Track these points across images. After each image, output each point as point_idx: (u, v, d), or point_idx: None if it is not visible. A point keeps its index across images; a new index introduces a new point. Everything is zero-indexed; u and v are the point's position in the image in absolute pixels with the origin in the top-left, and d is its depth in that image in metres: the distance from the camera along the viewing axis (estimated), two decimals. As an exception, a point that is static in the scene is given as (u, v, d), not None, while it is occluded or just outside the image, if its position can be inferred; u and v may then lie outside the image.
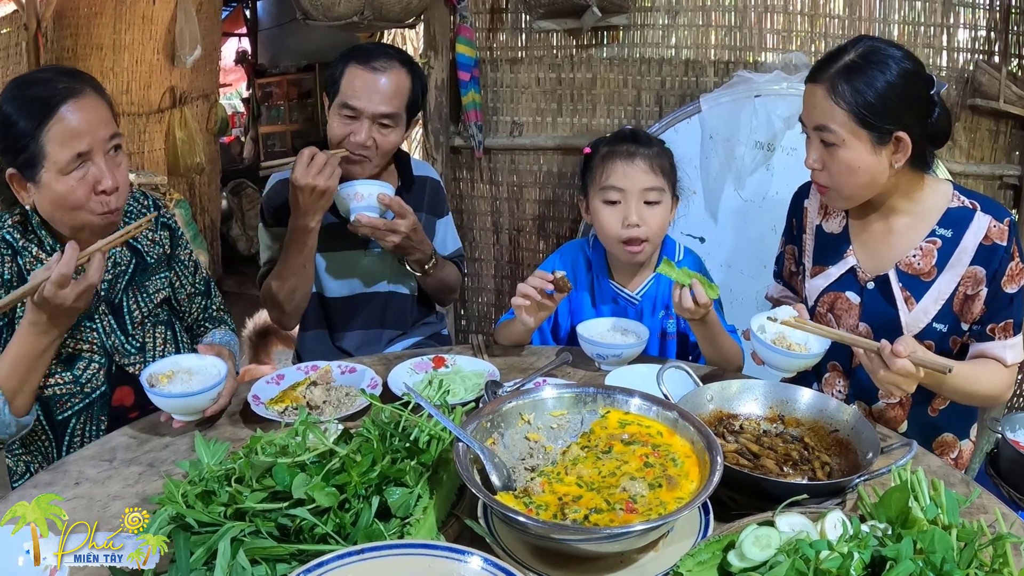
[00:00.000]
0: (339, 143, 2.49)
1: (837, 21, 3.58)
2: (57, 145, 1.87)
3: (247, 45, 10.40)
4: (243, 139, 10.41)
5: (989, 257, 2.00)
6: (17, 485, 2.08)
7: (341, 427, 1.59)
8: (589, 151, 2.48)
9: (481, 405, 1.70)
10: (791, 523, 1.31)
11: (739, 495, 1.52)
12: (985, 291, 2.01)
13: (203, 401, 1.86)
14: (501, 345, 2.45)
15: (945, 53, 3.48)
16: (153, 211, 2.27)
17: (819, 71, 1.98)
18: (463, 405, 1.76)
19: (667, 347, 2.51)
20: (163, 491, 1.36)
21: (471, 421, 1.49)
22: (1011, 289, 2.01)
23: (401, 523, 1.34)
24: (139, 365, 2.15)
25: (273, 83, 9.98)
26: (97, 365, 2.09)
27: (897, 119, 1.92)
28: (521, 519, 1.25)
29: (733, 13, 3.68)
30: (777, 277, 2.47)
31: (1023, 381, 3.77)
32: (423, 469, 1.44)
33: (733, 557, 1.25)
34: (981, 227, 2.01)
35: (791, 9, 3.62)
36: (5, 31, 5.17)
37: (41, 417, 2.06)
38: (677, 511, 1.25)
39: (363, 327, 2.81)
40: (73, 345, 2.05)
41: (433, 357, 2.24)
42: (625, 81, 3.85)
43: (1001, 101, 3.27)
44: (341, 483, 1.34)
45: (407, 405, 1.56)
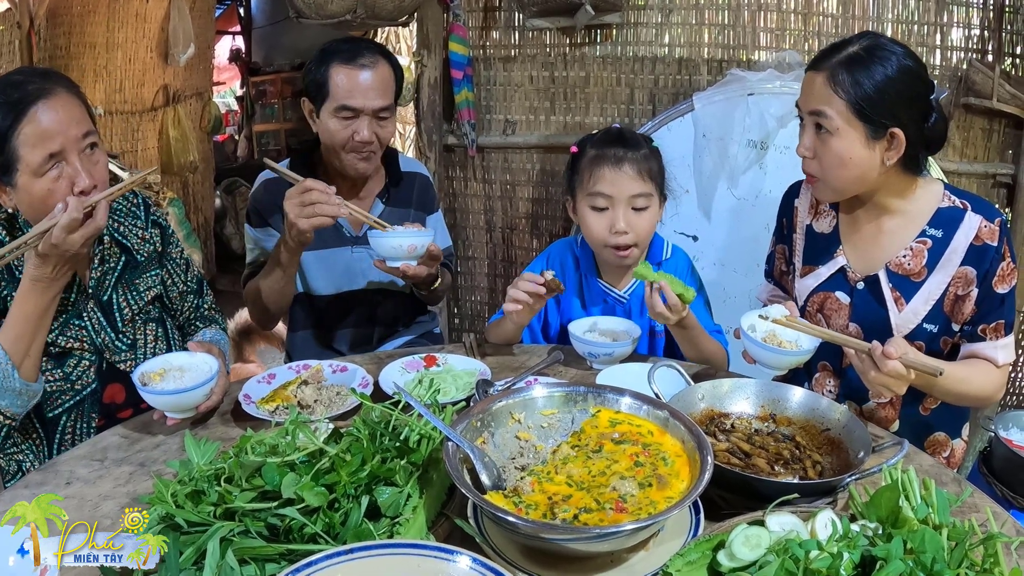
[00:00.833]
0: (343, 144, 2.50)
1: (830, 20, 3.59)
2: (29, 147, 1.86)
3: (241, 43, 10.36)
4: (237, 137, 10.37)
5: (980, 257, 2.00)
6: (9, 484, 2.08)
7: (332, 426, 1.59)
8: (576, 150, 2.47)
9: (472, 404, 1.70)
10: (781, 523, 1.31)
11: (730, 494, 1.52)
12: (976, 291, 2.01)
13: (196, 397, 1.87)
14: (492, 344, 2.45)
15: (939, 52, 3.49)
16: (142, 210, 2.27)
17: (822, 59, 1.98)
18: (454, 404, 1.76)
19: (656, 345, 2.51)
20: (153, 491, 1.35)
21: (461, 420, 1.49)
22: (1002, 289, 2.01)
23: (391, 523, 1.33)
24: (130, 362, 2.16)
25: (267, 81, 9.93)
26: (88, 362, 2.09)
27: (893, 115, 1.92)
28: (510, 519, 1.25)
29: (726, 11, 3.69)
30: (768, 276, 2.47)
31: (1017, 379, 3.79)
32: (413, 468, 1.44)
33: (723, 557, 1.25)
34: (972, 227, 2.01)
35: (784, 8, 3.63)
36: (-2, 29, 5.16)
37: (32, 414, 2.06)
38: (666, 511, 1.25)
39: (353, 325, 2.81)
40: (63, 343, 2.04)
41: (424, 356, 2.23)
42: (618, 79, 3.86)
43: (994, 100, 3.29)
44: (331, 483, 1.34)
45: (397, 404, 1.55)
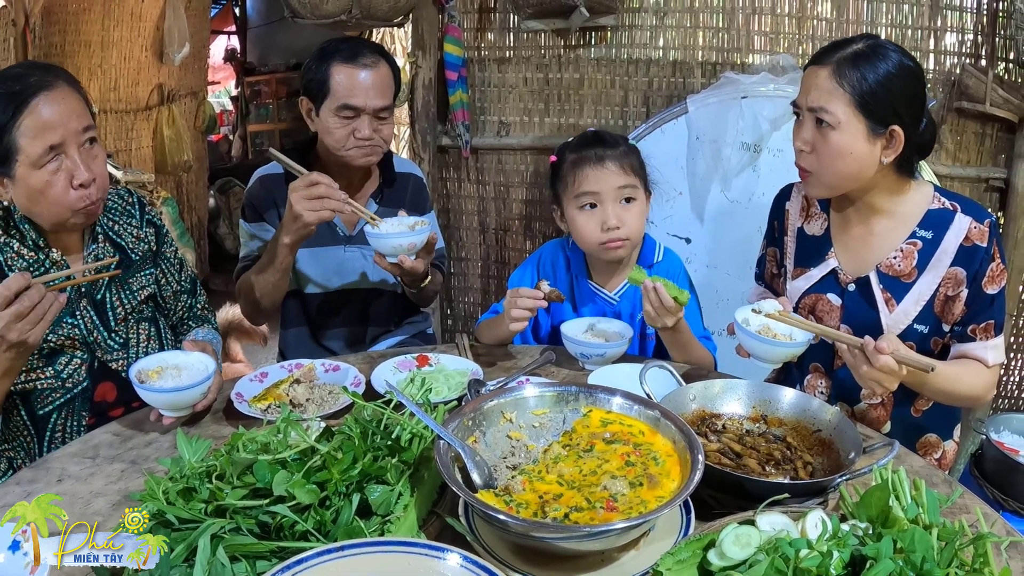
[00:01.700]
0: (343, 143, 2.50)
1: (824, 24, 3.60)
2: (29, 138, 1.87)
3: (236, 43, 10.37)
4: (231, 137, 10.38)
5: (970, 258, 2.01)
6: (1, 481, 2.07)
7: (323, 424, 1.59)
8: (555, 158, 2.49)
9: (463, 404, 1.70)
10: (772, 522, 1.32)
11: (721, 494, 1.53)
12: (966, 292, 2.02)
13: (194, 396, 1.87)
14: (485, 344, 2.46)
15: (932, 56, 3.50)
16: (137, 209, 2.27)
17: (824, 55, 1.99)
18: (445, 404, 1.76)
19: (647, 347, 2.52)
20: (145, 488, 1.36)
21: (453, 419, 1.49)
22: (992, 290, 2.02)
23: (382, 521, 1.34)
24: (122, 361, 2.16)
25: (262, 81, 9.94)
26: (79, 360, 2.09)
27: (895, 112, 1.94)
28: (501, 517, 1.25)
29: (721, 15, 3.70)
30: (758, 279, 2.48)
31: (1008, 382, 3.80)
32: (404, 467, 1.44)
33: (713, 556, 1.25)
34: (962, 228, 2.02)
35: (779, 11, 3.63)
36: (-7, 27, 5.15)
37: (23, 412, 2.06)
38: (657, 510, 1.26)
39: (345, 324, 2.81)
40: (55, 340, 2.04)
41: (417, 356, 2.23)
42: (612, 81, 3.86)
43: (987, 104, 3.30)
44: (322, 480, 1.34)
45: (389, 403, 1.56)
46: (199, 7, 6.39)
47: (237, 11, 10.13)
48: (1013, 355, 3.77)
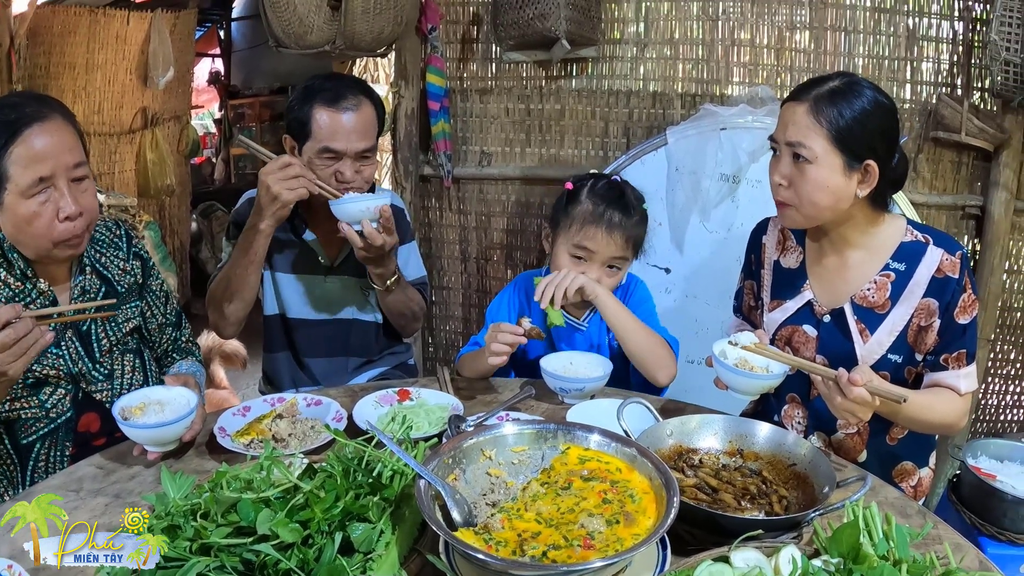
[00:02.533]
0: (326, 183, 2.49)
1: (803, 55, 3.66)
2: (20, 167, 1.88)
3: (220, 66, 10.38)
4: (214, 160, 10.37)
5: (942, 289, 2.05)
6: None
7: (306, 461, 1.61)
8: (571, 187, 2.50)
9: (444, 440, 1.72)
10: (746, 558, 1.35)
11: (697, 530, 1.55)
12: (938, 322, 2.06)
13: (177, 430, 1.88)
14: (465, 378, 2.48)
15: (909, 86, 3.57)
16: (124, 241, 2.29)
17: (802, 92, 2.04)
18: (426, 440, 1.78)
19: (617, 367, 2.53)
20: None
21: (433, 458, 1.51)
22: (964, 320, 2.06)
23: (364, 558, 1.36)
24: (106, 392, 2.16)
25: (245, 104, 9.96)
26: (64, 391, 2.09)
27: (871, 148, 1.99)
28: (480, 556, 1.27)
29: (700, 46, 3.74)
30: (736, 312, 2.51)
31: (987, 407, 3.85)
32: (386, 504, 1.46)
33: (687, 593, 1.28)
34: (934, 260, 2.06)
35: (757, 43, 3.69)
36: (-23, 48, 5.15)
37: (6, 440, 2.06)
38: (632, 548, 1.28)
39: (327, 354, 2.83)
40: (40, 371, 2.04)
41: (398, 390, 2.25)
42: (593, 113, 3.90)
43: (963, 134, 3.36)
44: (305, 519, 1.36)
45: (371, 440, 1.57)
46: (184, 31, 6.41)
47: (222, 34, 10.15)
48: (991, 379, 3.82)
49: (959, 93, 3.47)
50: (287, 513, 1.35)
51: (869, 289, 2.12)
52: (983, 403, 3.85)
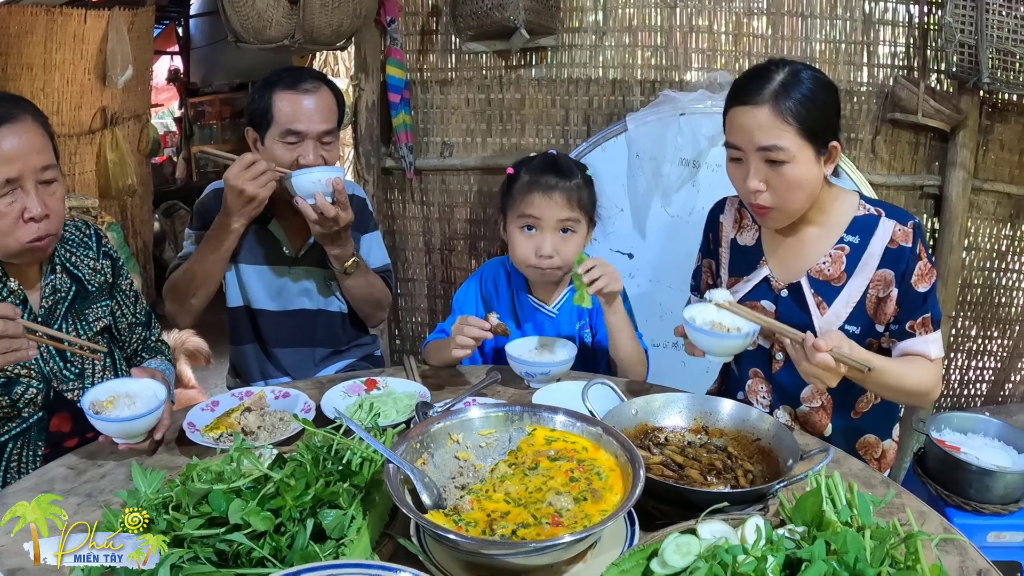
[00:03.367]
0: (288, 167, 2.51)
1: (760, 40, 3.69)
2: None
3: (179, 63, 10.30)
4: (175, 159, 10.28)
5: (896, 259, 2.09)
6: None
7: (276, 452, 1.62)
8: (512, 172, 2.55)
9: (412, 426, 1.74)
10: (713, 530, 1.37)
11: (664, 505, 1.57)
12: (896, 291, 2.09)
13: (149, 422, 1.87)
14: (432, 366, 2.49)
15: (866, 69, 3.61)
16: (94, 240, 2.29)
17: (752, 94, 2.02)
18: (394, 427, 1.79)
19: (586, 357, 2.57)
20: (103, 521, 1.38)
21: (401, 443, 1.53)
22: (922, 288, 2.09)
23: (336, 544, 1.37)
24: (78, 391, 2.16)
25: (206, 102, 9.88)
26: (35, 390, 2.08)
27: (832, 128, 2.03)
28: (451, 536, 1.29)
29: (659, 33, 3.76)
30: (694, 291, 2.53)
31: (950, 382, 3.92)
32: (356, 491, 1.47)
33: (656, 565, 1.30)
34: (886, 232, 2.10)
35: (715, 29, 3.71)
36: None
37: None
38: (600, 523, 1.30)
39: (293, 344, 2.84)
40: (11, 369, 2.03)
41: (365, 380, 2.26)
42: (553, 101, 3.92)
43: (920, 115, 3.41)
44: (276, 507, 1.37)
45: (339, 429, 1.58)
46: (142, 29, 6.35)
47: (180, 31, 10.07)
48: (954, 355, 3.90)
49: (915, 75, 3.52)
50: (258, 502, 1.36)
51: (824, 263, 2.15)
52: (947, 378, 3.93)
